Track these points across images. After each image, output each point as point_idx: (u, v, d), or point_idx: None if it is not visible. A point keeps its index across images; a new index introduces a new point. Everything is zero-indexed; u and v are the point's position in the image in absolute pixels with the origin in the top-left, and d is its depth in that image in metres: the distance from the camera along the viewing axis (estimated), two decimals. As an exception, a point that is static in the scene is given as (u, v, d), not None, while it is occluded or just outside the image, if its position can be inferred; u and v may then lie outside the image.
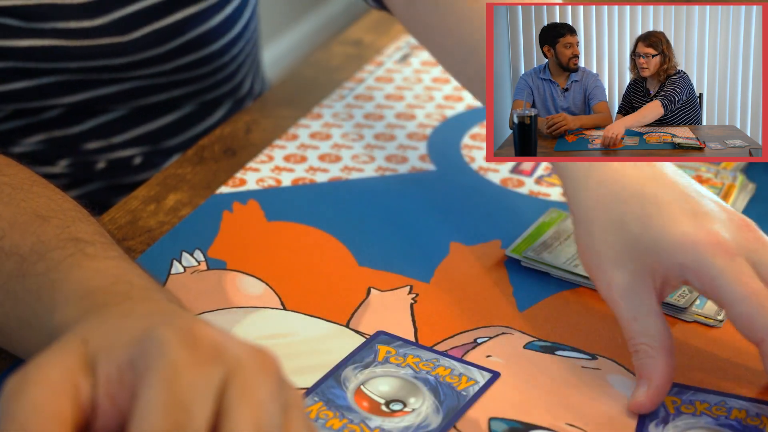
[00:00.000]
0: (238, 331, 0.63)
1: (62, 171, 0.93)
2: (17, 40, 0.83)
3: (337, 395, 0.57)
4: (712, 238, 0.57)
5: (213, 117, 0.99)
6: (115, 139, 0.93)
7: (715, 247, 0.56)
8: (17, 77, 0.85)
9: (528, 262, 0.70)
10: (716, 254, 0.56)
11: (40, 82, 0.86)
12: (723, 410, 0.57)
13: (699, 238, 0.57)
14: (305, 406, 0.45)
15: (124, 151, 0.94)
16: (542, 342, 0.63)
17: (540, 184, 0.81)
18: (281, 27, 2.89)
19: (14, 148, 0.91)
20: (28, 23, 0.82)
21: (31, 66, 0.85)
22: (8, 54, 0.83)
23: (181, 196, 0.78)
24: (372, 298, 0.67)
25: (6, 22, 0.82)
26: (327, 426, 0.55)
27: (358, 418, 0.56)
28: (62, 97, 0.89)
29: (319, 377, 0.59)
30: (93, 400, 0.42)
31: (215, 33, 0.91)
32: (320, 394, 0.57)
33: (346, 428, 0.55)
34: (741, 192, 0.79)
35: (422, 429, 0.55)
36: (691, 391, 0.58)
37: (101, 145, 0.93)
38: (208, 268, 0.69)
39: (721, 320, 0.65)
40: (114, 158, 0.94)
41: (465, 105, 0.94)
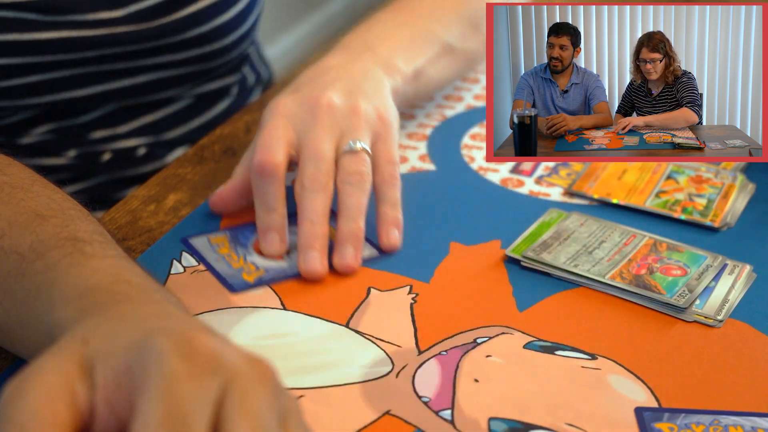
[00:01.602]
0: (238, 331, 0.63)
1: (69, 162, 0.93)
2: (36, 33, 0.84)
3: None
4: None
5: (216, 109, 1.00)
6: (120, 129, 0.94)
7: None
8: (32, 71, 0.86)
9: (528, 262, 0.70)
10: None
11: (54, 76, 0.87)
12: (719, 429, 0.57)
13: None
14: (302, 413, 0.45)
15: (129, 141, 0.95)
16: (542, 342, 0.63)
17: (540, 184, 0.81)
18: (281, 27, 2.89)
19: (23, 139, 0.92)
20: (46, 16, 0.84)
21: (48, 59, 0.85)
22: (26, 47, 0.84)
23: (181, 196, 0.78)
24: (372, 298, 0.67)
25: (25, 16, 0.83)
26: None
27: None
28: (75, 90, 0.89)
29: (319, 377, 0.59)
30: (91, 405, 0.42)
31: (228, 27, 0.93)
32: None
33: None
34: (741, 192, 0.80)
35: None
36: (682, 414, 0.58)
37: (107, 134, 0.94)
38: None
39: (721, 320, 0.66)
40: (119, 148, 0.94)
41: (465, 105, 0.94)
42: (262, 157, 0.71)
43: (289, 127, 0.73)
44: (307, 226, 0.69)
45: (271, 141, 0.72)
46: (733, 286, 0.69)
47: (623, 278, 0.68)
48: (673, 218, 0.76)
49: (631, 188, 0.79)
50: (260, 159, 0.71)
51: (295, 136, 0.73)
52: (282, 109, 0.74)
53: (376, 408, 0.57)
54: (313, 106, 0.74)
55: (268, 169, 0.70)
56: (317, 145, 0.72)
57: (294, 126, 0.73)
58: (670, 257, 0.71)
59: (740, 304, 0.67)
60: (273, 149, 0.71)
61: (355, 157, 0.72)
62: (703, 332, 0.65)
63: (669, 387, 0.60)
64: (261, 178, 0.71)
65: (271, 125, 0.73)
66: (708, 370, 0.62)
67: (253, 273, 0.68)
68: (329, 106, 0.74)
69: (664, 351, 0.63)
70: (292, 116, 0.74)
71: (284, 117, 0.73)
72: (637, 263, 0.70)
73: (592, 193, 0.79)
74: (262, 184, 0.71)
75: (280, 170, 0.70)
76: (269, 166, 0.70)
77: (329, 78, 0.77)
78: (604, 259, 0.70)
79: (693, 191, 0.79)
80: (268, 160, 0.70)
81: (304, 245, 0.69)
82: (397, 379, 0.60)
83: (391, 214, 0.72)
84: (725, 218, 0.76)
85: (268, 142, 0.72)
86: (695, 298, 0.67)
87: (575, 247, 0.72)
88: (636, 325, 0.65)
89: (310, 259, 0.68)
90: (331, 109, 0.74)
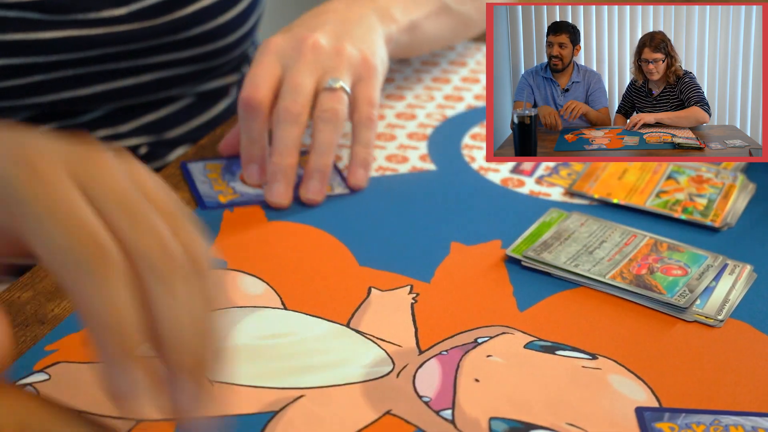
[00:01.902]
0: (239, 330, 0.63)
1: None
2: (39, 32, 0.85)
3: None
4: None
5: (217, 108, 1.00)
6: (122, 128, 0.95)
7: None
8: (35, 71, 0.86)
9: (528, 262, 0.70)
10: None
11: (56, 76, 0.87)
12: (720, 429, 0.57)
13: None
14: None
15: (130, 140, 0.95)
16: (543, 342, 0.63)
17: (540, 184, 0.81)
18: (281, 27, 2.88)
19: None
20: (50, 16, 0.84)
21: (50, 59, 0.86)
22: (30, 47, 0.85)
23: (181, 195, 0.78)
24: (372, 298, 0.67)
25: (28, 15, 0.83)
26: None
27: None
28: (77, 90, 0.90)
29: (320, 377, 0.59)
30: None
31: (231, 26, 0.95)
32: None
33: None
34: (741, 192, 0.80)
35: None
36: (683, 414, 0.58)
37: (108, 133, 0.94)
38: (209, 268, 0.69)
39: (721, 320, 0.66)
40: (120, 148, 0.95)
41: (465, 105, 0.94)
42: (248, 93, 0.76)
43: (277, 64, 0.78)
44: (276, 157, 0.75)
45: (256, 77, 0.77)
46: (733, 286, 0.69)
47: (624, 278, 0.68)
48: (674, 218, 0.76)
49: (632, 188, 0.80)
50: (245, 94, 0.76)
51: (282, 73, 0.77)
52: (272, 47, 0.79)
53: (376, 408, 0.57)
54: (300, 43, 0.78)
55: (252, 104, 0.76)
56: (296, 78, 0.76)
57: (281, 63, 0.78)
58: (671, 257, 0.71)
59: (741, 304, 0.67)
60: (258, 85, 0.76)
61: (333, 95, 0.76)
62: (704, 332, 0.65)
63: (670, 387, 0.60)
64: (245, 111, 0.76)
65: (259, 62, 0.78)
66: (708, 370, 0.62)
67: (228, 195, 0.76)
68: (314, 46, 0.78)
69: (664, 351, 0.63)
70: (281, 54, 0.78)
71: (273, 54, 0.78)
72: (637, 263, 0.70)
73: (592, 193, 0.79)
74: (247, 118, 0.76)
75: (263, 105, 0.76)
76: (253, 101, 0.76)
77: (321, 20, 0.82)
78: (605, 259, 0.70)
79: (693, 191, 0.79)
80: (252, 95, 0.76)
81: (270, 177, 0.75)
82: (398, 379, 0.60)
83: (361, 154, 0.78)
84: (726, 218, 0.76)
85: (255, 78, 0.77)
86: (696, 298, 0.67)
87: (576, 247, 0.72)
88: (636, 325, 0.65)
89: (274, 190, 0.75)
90: (316, 49, 0.78)
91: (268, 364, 0.60)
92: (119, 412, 0.44)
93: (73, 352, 0.60)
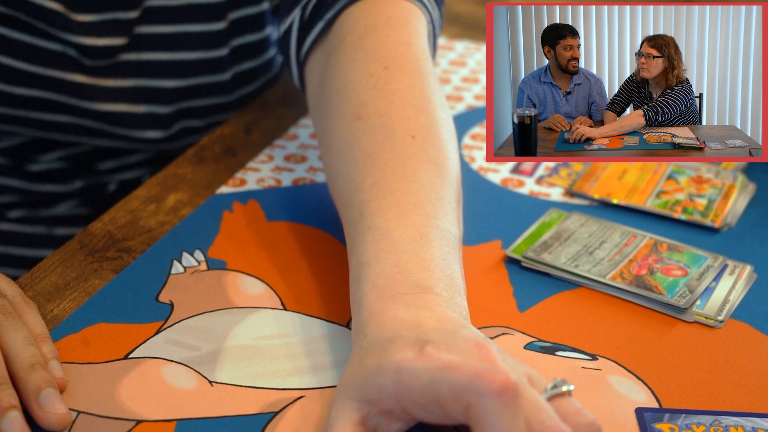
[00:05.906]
0: (239, 331, 0.63)
1: (76, 189, 0.94)
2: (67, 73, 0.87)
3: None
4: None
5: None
6: (129, 159, 0.95)
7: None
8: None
9: (528, 263, 0.70)
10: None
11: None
12: (720, 429, 0.57)
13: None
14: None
15: (135, 172, 0.96)
16: (543, 342, 0.63)
17: (540, 185, 0.81)
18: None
19: (32, 166, 0.93)
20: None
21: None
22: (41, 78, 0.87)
23: (181, 196, 0.78)
24: (372, 299, 0.67)
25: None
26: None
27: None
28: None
29: (319, 377, 0.59)
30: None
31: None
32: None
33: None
34: (741, 192, 0.80)
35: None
36: (683, 414, 0.58)
37: (115, 165, 0.95)
38: (209, 268, 0.69)
39: (721, 320, 0.66)
40: (125, 179, 0.96)
41: (465, 105, 0.94)
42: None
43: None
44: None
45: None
46: (733, 287, 0.69)
47: (624, 279, 0.68)
48: (674, 218, 0.76)
49: (632, 188, 0.79)
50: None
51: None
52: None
53: (376, 408, 0.57)
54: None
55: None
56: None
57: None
58: (671, 257, 0.71)
59: (741, 305, 0.67)
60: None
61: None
62: (704, 333, 0.65)
63: (669, 387, 0.60)
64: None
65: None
66: (708, 370, 0.62)
67: None
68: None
69: (664, 351, 0.63)
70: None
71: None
72: (637, 263, 0.70)
73: (592, 193, 0.79)
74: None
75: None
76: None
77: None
78: (605, 260, 0.70)
79: (693, 191, 0.79)
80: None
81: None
82: (398, 379, 0.60)
83: None
84: (726, 218, 0.76)
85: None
86: (696, 299, 0.67)
87: (576, 248, 0.72)
88: (636, 325, 0.65)
89: None
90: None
91: (268, 364, 0.60)
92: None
93: (73, 352, 0.60)
